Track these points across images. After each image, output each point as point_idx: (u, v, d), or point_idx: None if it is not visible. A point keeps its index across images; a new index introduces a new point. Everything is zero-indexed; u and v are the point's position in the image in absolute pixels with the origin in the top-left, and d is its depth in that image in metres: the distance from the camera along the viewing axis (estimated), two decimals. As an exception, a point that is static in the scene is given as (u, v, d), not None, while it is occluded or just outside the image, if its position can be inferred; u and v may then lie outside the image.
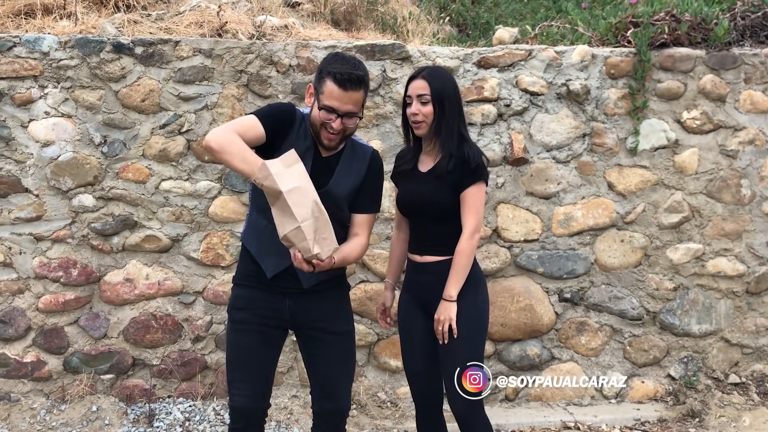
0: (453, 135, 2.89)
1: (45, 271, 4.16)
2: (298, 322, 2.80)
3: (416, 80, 2.94)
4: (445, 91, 2.90)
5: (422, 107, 2.89)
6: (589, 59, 4.33)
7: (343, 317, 2.89)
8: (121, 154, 4.16)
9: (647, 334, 4.48)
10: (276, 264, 2.70)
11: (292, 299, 2.76)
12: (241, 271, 2.85)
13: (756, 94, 4.42)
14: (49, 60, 4.08)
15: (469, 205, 2.89)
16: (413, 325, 3.08)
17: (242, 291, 2.82)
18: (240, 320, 2.79)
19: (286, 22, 4.62)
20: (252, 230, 2.81)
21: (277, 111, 2.70)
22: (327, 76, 2.60)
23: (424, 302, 3.02)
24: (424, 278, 3.01)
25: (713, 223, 4.45)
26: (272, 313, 2.76)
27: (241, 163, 2.43)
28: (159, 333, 4.25)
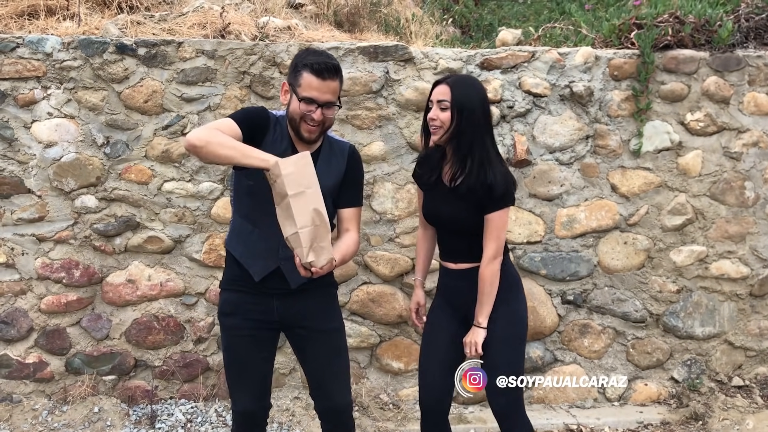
0: (473, 149, 2.83)
1: (47, 272, 4.16)
2: (286, 323, 2.82)
3: (440, 86, 2.90)
4: (468, 101, 2.83)
5: (440, 113, 2.85)
6: (593, 61, 4.32)
7: (330, 315, 2.90)
8: (124, 155, 4.16)
9: (650, 336, 4.47)
10: (263, 267, 2.73)
11: (279, 300, 2.77)
12: (228, 276, 2.86)
13: (760, 96, 4.40)
14: (52, 61, 4.08)
15: (491, 230, 2.85)
16: (440, 330, 3.06)
17: (230, 295, 2.83)
18: (231, 326, 2.81)
19: (289, 23, 4.62)
20: (236, 235, 2.82)
21: (252, 114, 2.69)
22: (303, 68, 2.61)
23: (457, 307, 3.03)
24: (458, 284, 3.02)
25: (717, 226, 4.43)
26: (261, 315, 2.78)
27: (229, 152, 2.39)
28: (161, 334, 4.25)
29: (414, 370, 4.38)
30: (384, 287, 4.33)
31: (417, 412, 4.25)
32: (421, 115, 4.28)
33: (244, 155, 2.41)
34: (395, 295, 4.32)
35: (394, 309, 4.31)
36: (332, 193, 2.79)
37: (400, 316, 4.32)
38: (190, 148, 2.43)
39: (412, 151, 4.30)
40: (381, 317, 4.32)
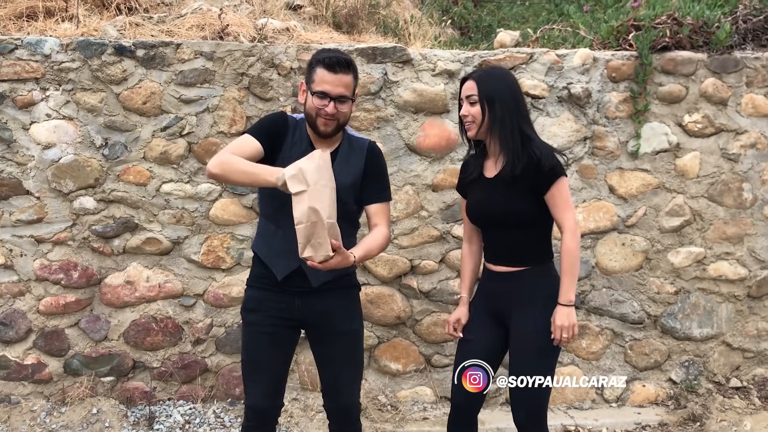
0: (514, 135, 2.80)
1: (46, 274, 4.17)
2: (307, 321, 2.85)
3: (467, 81, 2.90)
4: (495, 91, 2.82)
5: (471, 108, 2.86)
6: (591, 62, 4.32)
7: (350, 316, 2.92)
8: (122, 157, 4.16)
9: (648, 337, 4.47)
10: (285, 266, 2.77)
11: (301, 298, 2.80)
12: (253, 274, 2.92)
13: (758, 98, 4.41)
14: (51, 62, 4.09)
15: (558, 203, 2.80)
16: (478, 333, 3.00)
17: (253, 292, 2.89)
18: (252, 322, 2.85)
19: (288, 25, 4.62)
20: (261, 236, 2.90)
21: (268, 123, 2.81)
22: (316, 64, 2.70)
23: (497, 311, 2.96)
24: (500, 286, 2.94)
25: (715, 227, 4.44)
26: (282, 313, 2.82)
27: (243, 177, 2.58)
28: (159, 335, 4.25)
29: (412, 371, 4.38)
30: (382, 288, 4.33)
31: (415, 413, 4.28)
32: (419, 116, 4.28)
33: (254, 180, 2.57)
34: (393, 296, 4.33)
35: (392, 310, 4.32)
36: (354, 190, 2.81)
37: (399, 317, 4.32)
38: (211, 177, 2.63)
39: (411, 152, 4.30)
40: (379, 318, 4.33)
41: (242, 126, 4.19)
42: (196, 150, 4.19)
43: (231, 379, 4.30)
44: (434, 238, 4.33)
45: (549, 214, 2.87)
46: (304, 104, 2.77)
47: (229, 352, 4.30)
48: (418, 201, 4.31)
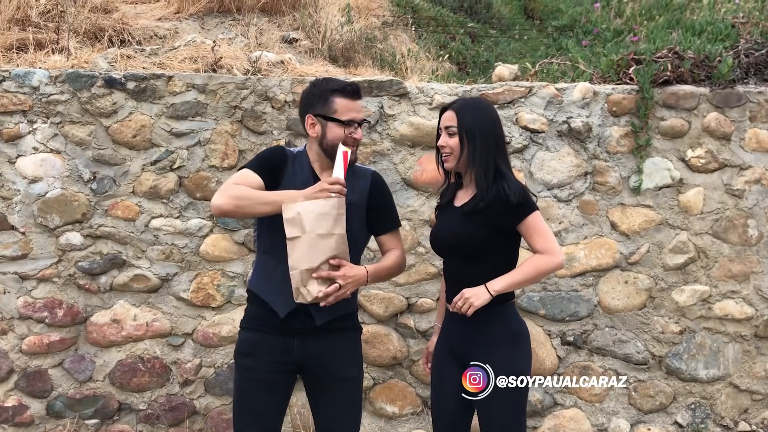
0: (488, 170, 2.73)
1: (29, 312, 4.03)
2: (306, 364, 2.73)
3: (446, 112, 2.83)
4: (475, 123, 2.75)
5: (449, 139, 2.79)
6: (591, 96, 4.24)
7: (351, 362, 2.83)
8: (111, 191, 4.06)
9: (653, 379, 4.32)
10: (287, 303, 2.64)
11: (301, 339, 2.69)
12: (249, 315, 2.80)
13: (762, 133, 4.32)
14: (39, 95, 4.00)
15: (535, 233, 2.72)
16: (444, 376, 2.90)
17: (248, 334, 2.76)
18: (247, 368, 2.72)
19: (282, 57, 4.55)
20: (260, 273, 2.78)
21: (267, 157, 2.78)
22: (332, 94, 2.70)
23: (456, 352, 2.84)
24: (458, 327, 2.82)
25: (720, 265, 4.32)
26: (280, 357, 2.69)
27: (263, 207, 2.57)
28: (146, 376, 4.10)
29: (408, 414, 4.23)
30: (378, 327, 4.20)
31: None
32: (416, 150, 4.19)
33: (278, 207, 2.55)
34: (389, 335, 4.19)
35: (388, 350, 4.18)
36: (359, 211, 2.79)
37: (395, 357, 4.18)
38: (222, 214, 2.62)
39: (407, 187, 4.20)
40: (375, 359, 4.18)
41: (234, 160, 4.09)
42: (186, 184, 4.09)
43: (220, 422, 4.14)
44: (432, 275, 4.20)
45: (511, 252, 2.82)
46: (321, 136, 2.72)
47: (218, 393, 4.14)
48: (415, 237, 4.19)
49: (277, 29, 5.35)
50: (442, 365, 2.92)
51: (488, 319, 2.76)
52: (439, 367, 2.94)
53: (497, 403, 2.74)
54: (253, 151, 4.11)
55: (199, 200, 4.09)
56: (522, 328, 2.87)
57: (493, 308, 2.73)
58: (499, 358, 2.73)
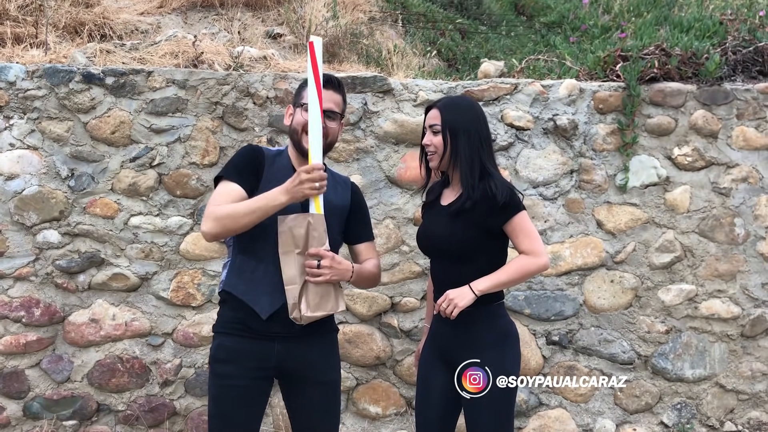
0: (473, 169, 2.69)
1: (6, 311, 3.95)
2: (284, 369, 2.64)
3: (431, 110, 2.81)
4: (459, 122, 2.72)
5: (433, 137, 2.76)
6: (577, 93, 4.19)
7: (331, 365, 2.77)
8: (89, 188, 3.98)
9: (639, 379, 4.28)
10: (269, 303, 2.58)
11: (281, 343, 2.60)
12: (224, 320, 2.68)
13: (749, 131, 4.28)
14: (16, 90, 3.92)
15: (521, 234, 2.69)
16: (431, 378, 2.86)
17: (225, 339, 2.64)
18: (222, 374, 2.62)
19: (265, 53, 4.48)
20: (237, 274, 2.66)
21: (242, 160, 2.67)
22: (305, 84, 2.63)
23: (444, 353, 2.82)
24: (445, 329, 2.79)
25: (706, 264, 4.28)
26: (258, 363, 2.60)
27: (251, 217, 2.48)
28: (125, 377, 4.03)
29: (392, 414, 4.17)
30: (361, 327, 4.14)
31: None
32: (400, 147, 4.13)
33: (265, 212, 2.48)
34: (373, 335, 4.13)
35: (371, 350, 4.12)
36: (340, 217, 2.77)
37: (378, 357, 4.12)
38: (213, 239, 2.56)
39: (391, 184, 4.14)
40: (358, 359, 4.13)
41: (215, 157, 4.02)
42: (166, 181, 4.02)
43: (201, 423, 4.08)
44: (416, 274, 4.15)
45: (498, 253, 2.78)
46: (290, 124, 2.69)
47: (198, 394, 4.08)
48: (398, 235, 4.13)
49: (262, 24, 5.29)
50: (429, 367, 2.89)
51: (477, 320, 2.73)
52: (425, 369, 2.90)
53: (486, 405, 2.70)
54: (234, 147, 4.04)
55: (179, 198, 4.02)
56: (511, 328, 2.83)
57: (481, 309, 2.71)
58: (488, 359, 2.70)
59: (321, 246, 2.53)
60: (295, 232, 2.52)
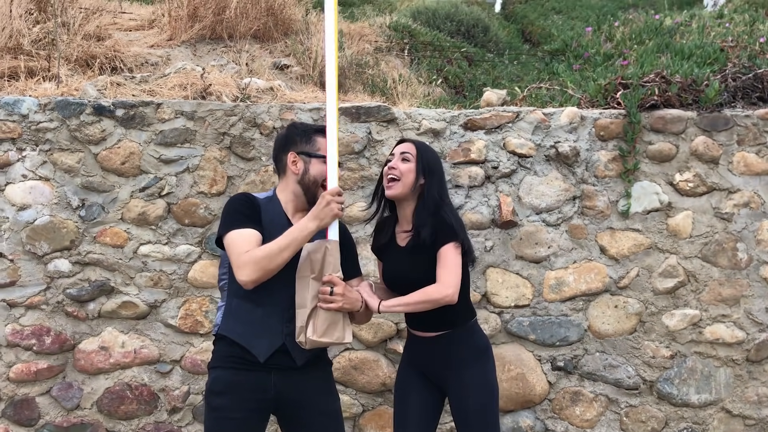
0: (430, 204, 2.86)
1: (17, 339, 4.02)
2: (283, 400, 2.66)
3: (403, 143, 2.98)
4: (431, 157, 2.94)
5: (401, 164, 2.88)
6: (578, 121, 4.25)
7: (331, 395, 2.80)
8: (99, 218, 4.07)
9: (644, 404, 4.29)
10: (268, 346, 2.61)
11: (278, 375, 2.63)
12: (221, 354, 2.70)
13: (749, 156, 4.32)
14: (28, 122, 4.03)
15: (441, 259, 2.82)
16: (410, 396, 3.01)
17: (222, 373, 2.66)
18: (218, 407, 2.63)
19: (272, 84, 4.58)
20: (233, 318, 2.69)
21: (243, 207, 2.71)
22: (315, 134, 2.76)
23: (428, 373, 2.99)
24: (426, 350, 2.98)
25: (710, 288, 4.30)
26: (255, 394, 2.62)
27: (285, 254, 2.53)
28: (134, 404, 4.08)
29: (398, 440, 4.20)
30: (367, 353, 4.18)
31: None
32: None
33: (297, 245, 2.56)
34: (379, 361, 4.17)
35: (377, 376, 4.16)
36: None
37: (384, 384, 4.16)
38: (254, 284, 2.54)
39: (396, 212, 4.20)
40: (364, 385, 4.16)
41: (223, 186, 4.10)
42: (175, 210, 4.10)
43: (208, 449, 4.11)
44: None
45: (466, 277, 2.96)
46: (301, 174, 2.73)
47: (206, 421, 4.12)
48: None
49: (269, 56, 5.40)
50: (407, 388, 3.04)
51: (457, 339, 2.94)
52: (403, 390, 3.05)
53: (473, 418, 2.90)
54: (241, 177, 4.12)
55: (188, 226, 4.10)
56: (486, 341, 3.06)
57: (458, 329, 2.94)
58: (472, 374, 2.91)
59: (336, 272, 2.60)
60: (313, 257, 2.59)
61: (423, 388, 3.00)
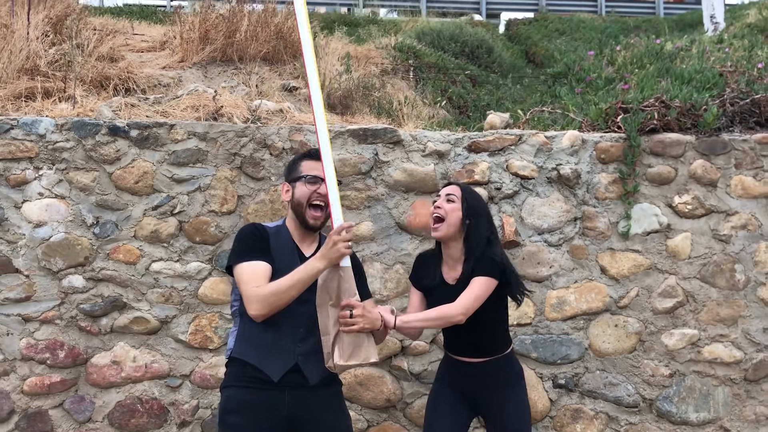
0: (482, 237, 3.07)
1: (32, 353, 4.12)
2: (295, 418, 2.75)
3: (450, 185, 3.19)
4: (477, 201, 3.17)
5: (446, 204, 3.08)
6: (579, 144, 4.37)
7: (342, 413, 2.92)
8: (113, 235, 4.18)
9: (644, 422, 4.37)
10: (281, 366, 2.73)
11: (291, 393, 2.73)
12: (234, 374, 2.81)
13: (747, 179, 4.43)
14: (45, 142, 4.15)
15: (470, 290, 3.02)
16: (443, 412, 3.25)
17: (235, 392, 2.77)
18: (233, 425, 2.74)
19: (281, 106, 4.70)
20: (245, 342, 2.80)
21: (252, 239, 2.83)
22: (300, 160, 2.93)
23: (467, 394, 3.22)
24: (467, 374, 3.22)
25: (708, 309, 4.39)
26: (268, 413, 2.72)
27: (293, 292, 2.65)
28: (144, 417, 4.17)
29: (402, 456, 4.29)
30: (372, 370, 4.27)
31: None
32: (409, 195, 4.32)
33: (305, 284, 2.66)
34: (383, 378, 4.26)
35: (382, 393, 4.25)
36: None
37: (389, 400, 4.25)
38: (263, 319, 2.67)
39: (401, 231, 4.31)
40: (369, 401, 4.25)
41: (233, 205, 4.22)
42: (186, 229, 4.21)
43: (216, 463, 4.20)
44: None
45: (505, 307, 3.23)
46: (291, 200, 2.87)
47: (214, 434, 4.21)
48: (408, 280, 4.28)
49: (278, 77, 5.53)
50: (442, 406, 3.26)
51: (496, 365, 3.23)
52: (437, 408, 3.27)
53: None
54: (251, 196, 4.24)
55: (199, 244, 4.21)
56: (520, 367, 3.36)
57: (499, 355, 3.24)
58: (510, 397, 3.21)
59: (352, 297, 2.70)
60: (329, 285, 2.70)
61: (456, 405, 3.23)
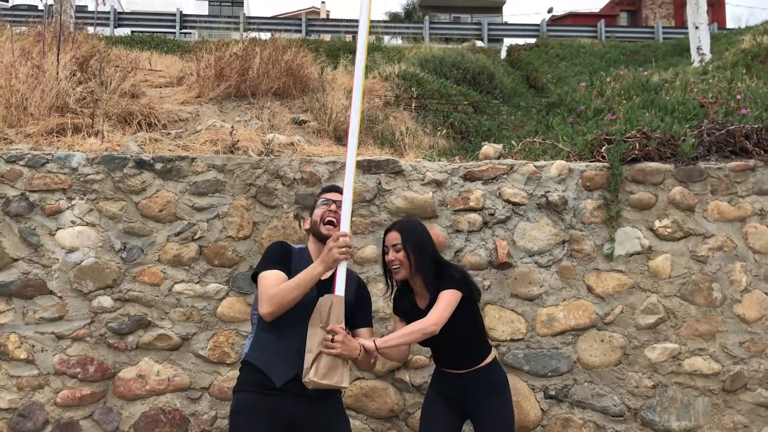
0: (430, 271, 3.43)
1: (64, 368, 4.49)
2: (299, 421, 3.09)
3: (390, 233, 3.52)
4: (416, 237, 3.47)
5: (396, 254, 3.45)
6: (566, 173, 4.74)
7: (342, 417, 3.26)
8: (139, 260, 4.56)
9: (629, 430, 4.69)
10: (284, 374, 3.08)
11: (293, 400, 3.07)
12: (245, 380, 3.18)
13: (722, 205, 4.79)
14: (77, 174, 4.55)
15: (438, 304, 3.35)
16: (435, 418, 3.60)
17: (243, 396, 3.13)
18: (239, 425, 3.09)
19: (292, 139, 5.10)
20: (258, 347, 3.18)
21: (277, 252, 3.26)
22: (323, 193, 3.38)
23: (456, 401, 3.58)
24: (456, 383, 3.58)
25: (688, 324, 4.74)
26: (273, 416, 3.06)
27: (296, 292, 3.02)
28: (167, 427, 4.52)
29: (405, 462, 4.62)
30: (376, 382, 4.62)
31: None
32: (410, 222, 4.67)
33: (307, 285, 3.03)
34: (387, 390, 4.61)
35: (386, 403, 4.59)
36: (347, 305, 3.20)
37: (392, 410, 4.59)
38: (271, 317, 3.04)
39: (403, 255, 4.67)
40: (374, 411, 4.59)
41: (249, 231, 4.60)
42: (206, 253, 4.59)
43: (233, 469, 4.53)
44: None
45: (478, 318, 3.56)
46: (310, 225, 3.31)
47: (232, 443, 4.55)
48: (409, 300, 4.65)
49: (288, 111, 5.93)
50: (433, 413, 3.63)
51: (479, 375, 3.56)
52: (429, 410, 3.65)
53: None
54: (265, 222, 4.62)
55: (217, 267, 4.59)
56: (503, 374, 3.68)
57: (481, 363, 3.55)
58: (497, 401, 3.53)
59: (339, 323, 3.05)
60: (322, 310, 3.06)
61: (447, 413, 3.58)
